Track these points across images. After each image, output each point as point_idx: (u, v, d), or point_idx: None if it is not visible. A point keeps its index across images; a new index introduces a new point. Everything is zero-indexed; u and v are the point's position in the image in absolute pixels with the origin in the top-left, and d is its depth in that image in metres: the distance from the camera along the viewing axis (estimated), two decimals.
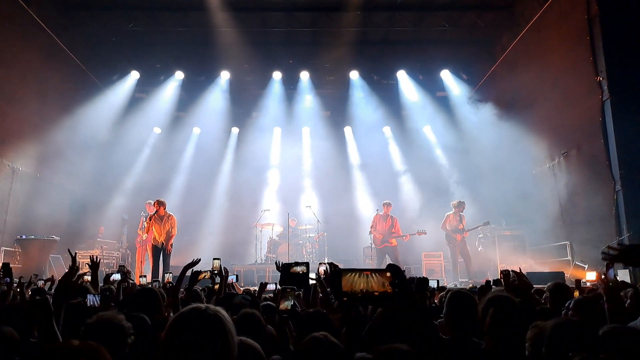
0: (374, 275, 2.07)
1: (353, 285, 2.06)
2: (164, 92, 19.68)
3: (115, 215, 18.52)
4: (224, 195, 21.20)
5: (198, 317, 2.05)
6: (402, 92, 19.88)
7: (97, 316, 2.97)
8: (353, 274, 2.09)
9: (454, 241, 14.54)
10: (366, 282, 2.05)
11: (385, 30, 17.95)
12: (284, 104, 20.79)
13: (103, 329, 2.87)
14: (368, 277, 2.07)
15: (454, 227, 14.61)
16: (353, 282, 2.06)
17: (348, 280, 2.07)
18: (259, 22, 17.33)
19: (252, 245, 19.11)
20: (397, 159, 21.02)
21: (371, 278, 2.07)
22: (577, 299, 4.55)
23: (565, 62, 13.60)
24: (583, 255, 12.79)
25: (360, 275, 2.06)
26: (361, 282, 2.05)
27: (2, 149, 13.69)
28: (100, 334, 2.79)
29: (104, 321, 2.92)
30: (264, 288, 5.78)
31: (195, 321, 2.03)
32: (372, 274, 2.07)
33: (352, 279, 2.08)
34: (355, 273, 2.08)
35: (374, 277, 2.07)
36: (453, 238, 14.56)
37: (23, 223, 14.25)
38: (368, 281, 2.06)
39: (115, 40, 18.00)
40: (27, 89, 14.61)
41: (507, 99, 17.27)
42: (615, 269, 6.05)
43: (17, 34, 14.11)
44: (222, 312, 2.10)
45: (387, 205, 15.18)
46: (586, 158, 12.88)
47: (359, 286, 2.06)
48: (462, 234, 14.51)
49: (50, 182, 15.66)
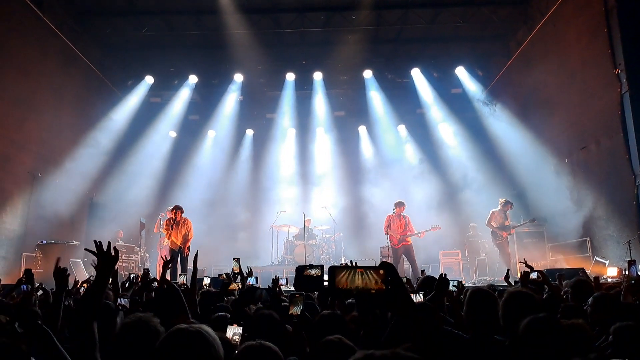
0: (369, 273, 2.02)
1: (349, 282, 2.01)
2: (179, 96, 19.78)
3: (133, 220, 18.60)
4: (239, 198, 21.25)
5: (181, 335, 2.21)
6: (416, 90, 19.75)
7: (135, 316, 2.97)
8: (349, 272, 2.05)
9: (500, 238, 14.25)
10: (361, 280, 2.01)
11: (398, 28, 17.81)
12: (298, 104, 20.83)
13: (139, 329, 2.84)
14: (363, 274, 2.03)
15: (500, 224, 14.35)
16: (349, 280, 2.01)
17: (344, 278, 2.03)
18: (272, 23, 17.29)
19: (268, 246, 19.14)
20: (413, 158, 20.91)
21: (367, 275, 2.03)
22: (595, 295, 4.47)
23: (583, 56, 13.41)
24: (603, 251, 12.62)
25: (355, 273, 2.02)
26: (357, 279, 2.01)
27: (21, 155, 13.85)
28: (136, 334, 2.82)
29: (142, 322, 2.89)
30: (278, 283, 5.77)
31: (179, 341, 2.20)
32: (367, 271, 2.03)
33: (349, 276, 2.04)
34: (351, 270, 2.05)
35: (369, 274, 2.02)
36: (499, 235, 14.26)
37: (43, 228, 14.37)
38: (363, 279, 2.01)
39: (129, 46, 18.12)
40: (44, 96, 14.74)
41: (523, 94, 17.12)
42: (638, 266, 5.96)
43: (33, 41, 14.26)
44: (204, 329, 2.27)
45: (400, 206, 15.06)
46: (605, 152, 12.67)
47: (355, 283, 2.01)
48: (508, 231, 14.23)
49: (69, 187, 15.76)
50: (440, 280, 4.88)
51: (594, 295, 4.44)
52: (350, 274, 2.03)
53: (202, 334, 2.22)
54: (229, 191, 21.21)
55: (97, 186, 17.77)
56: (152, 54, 18.49)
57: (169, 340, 2.22)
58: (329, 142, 21.89)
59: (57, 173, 15.38)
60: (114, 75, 19.10)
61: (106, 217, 17.78)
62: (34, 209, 14.22)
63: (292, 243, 18.55)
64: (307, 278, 3.73)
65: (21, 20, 13.71)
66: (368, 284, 2.02)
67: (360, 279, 2.03)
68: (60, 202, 15.14)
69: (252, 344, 2.68)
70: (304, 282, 3.77)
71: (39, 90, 14.45)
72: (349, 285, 2.03)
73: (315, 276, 3.72)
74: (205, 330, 2.25)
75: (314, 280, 3.73)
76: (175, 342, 2.19)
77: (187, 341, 2.18)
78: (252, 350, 2.63)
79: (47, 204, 14.65)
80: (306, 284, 3.79)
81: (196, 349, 2.17)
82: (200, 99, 20.73)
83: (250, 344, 2.68)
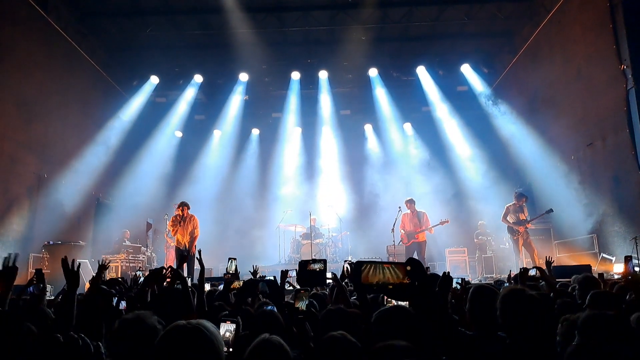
0: (391, 268, 2.03)
1: (369, 277, 2.03)
2: (184, 96, 19.84)
3: (140, 220, 18.64)
4: (246, 197, 21.28)
5: (180, 332, 2.21)
6: (422, 88, 19.71)
7: (134, 313, 2.99)
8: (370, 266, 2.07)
9: (516, 233, 14.08)
10: (382, 274, 2.02)
11: (403, 26, 17.75)
12: (304, 103, 20.82)
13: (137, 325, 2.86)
14: (385, 269, 2.04)
15: (515, 219, 14.21)
16: (369, 274, 2.03)
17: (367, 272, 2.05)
18: (276, 22, 17.26)
19: (275, 245, 19.16)
20: (419, 156, 20.87)
21: (388, 270, 2.04)
22: (593, 292, 4.47)
23: (588, 52, 13.35)
24: (610, 247, 12.58)
25: (377, 268, 2.04)
26: (377, 274, 2.03)
27: (28, 156, 13.89)
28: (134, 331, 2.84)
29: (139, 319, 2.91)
30: (286, 275, 5.77)
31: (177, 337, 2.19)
32: (391, 266, 2.04)
33: (369, 271, 2.06)
34: (372, 265, 2.06)
35: (391, 269, 2.03)
36: (515, 230, 14.10)
37: (50, 229, 14.41)
38: (384, 273, 2.02)
39: (134, 46, 18.15)
40: (50, 97, 14.78)
41: (529, 91, 17.08)
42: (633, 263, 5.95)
43: (38, 43, 14.32)
44: (203, 324, 2.26)
45: (411, 203, 14.94)
46: (611, 149, 12.61)
47: (374, 278, 2.03)
48: (524, 225, 14.07)
49: (75, 188, 15.80)
50: (443, 279, 4.87)
51: (592, 293, 4.44)
52: (371, 269, 2.05)
53: (200, 329, 2.21)
54: (235, 191, 21.24)
55: (103, 187, 17.82)
56: (157, 54, 18.46)
57: (167, 337, 2.21)
58: (334, 140, 21.87)
59: (64, 174, 15.40)
60: (119, 76, 19.16)
61: (113, 217, 17.84)
62: (41, 209, 14.27)
63: (299, 242, 18.55)
64: (310, 273, 3.73)
65: (26, 22, 13.75)
66: (388, 279, 2.03)
67: (382, 274, 2.05)
68: (66, 203, 15.21)
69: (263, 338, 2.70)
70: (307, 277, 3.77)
71: (44, 92, 14.49)
72: (369, 280, 2.04)
73: (319, 270, 3.72)
74: (204, 325, 2.25)
75: (317, 275, 3.73)
76: (173, 339, 2.18)
77: (186, 337, 2.17)
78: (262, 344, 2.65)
79: (53, 205, 14.71)
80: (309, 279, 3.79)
81: (195, 345, 2.16)
82: (206, 99, 20.78)
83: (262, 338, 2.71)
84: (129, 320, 2.89)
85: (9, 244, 12.80)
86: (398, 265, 2.07)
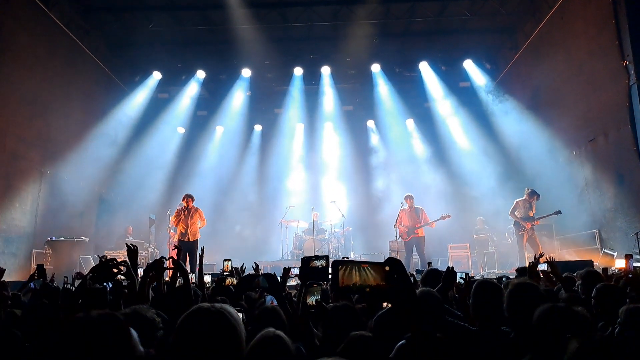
0: (368, 269, 1.98)
1: (346, 278, 1.98)
2: (186, 92, 19.81)
3: (142, 216, 18.68)
4: (248, 193, 21.32)
5: (203, 315, 2.12)
6: (424, 84, 19.69)
7: (131, 308, 2.99)
8: (347, 267, 2.01)
9: (522, 229, 14.09)
10: (359, 276, 1.98)
11: (406, 22, 17.74)
12: (306, 99, 20.79)
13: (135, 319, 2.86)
14: (362, 270, 1.99)
15: (524, 215, 14.22)
16: (346, 275, 1.98)
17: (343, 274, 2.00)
18: (279, 17, 17.25)
19: (277, 241, 19.18)
20: (422, 151, 20.86)
21: (367, 271, 1.99)
22: (598, 286, 4.46)
23: (591, 47, 13.31)
24: (612, 242, 12.58)
25: (354, 268, 1.98)
26: (355, 275, 1.98)
27: (30, 152, 13.91)
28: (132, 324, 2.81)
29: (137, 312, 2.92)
30: (288, 272, 5.78)
31: (201, 320, 2.11)
32: (368, 267, 1.99)
33: (346, 271, 2.00)
34: (349, 266, 2.00)
35: (370, 270, 1.98)
36: (522, 226, 14.10)
37: (53, 225, 14.46)
38: (361, 274, 1.98)
39: (136, 41, 18.10)
40: (52, 93, 14.78)
41: (531, 87, 17.05)
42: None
43: (40, 39, 14.32)
44: (226, 309, 2.17)
45: (410, 199, 15.00)
46: (613, 144, 12.58)
47: (352, 280, 1.98)
48: (532, 221, 14.10)
49: (78, 183, 15.84)
50: (447, 273, 4.88)
51: (597, 287, 4.43)
52: (347, 270, 1.99)
53: (224, 314, 2.14)
54: (238, 186, 21.24)
55: (106, 182, 17.84)
56: (159, 50, 18.41)
57: (191, 318, 2.14)
58: (337, 136, 21.87)
59: (66, 169, 15.43)
60: (121, 72, 19.14)
61: (115, 213, 17.88)
62: (43, 205, 14.29)
63: (302, 238, 18.58)
64: (312, 270, 3.73)
65: (28, 18, 13.75)
66: (366, 281, 1.98)
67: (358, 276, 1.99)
68: (69, 199, 15.22)
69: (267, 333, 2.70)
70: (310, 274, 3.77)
71: (46, 88, 14.50)
72: (346, 283, 1.99)
73: (321, 267, 3.72)
74: (227, 310, 2.17)
75: (320, 272, 3.73)
76: (197, 321, 2.12)
77: (210, 320, 2.10)
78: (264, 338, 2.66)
79: (56, 201, 14.74)
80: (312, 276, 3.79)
81: (218, 328, 2.09)
82: (209, 95, 20.75)
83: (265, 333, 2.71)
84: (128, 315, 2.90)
85: (12, 239, 12.83)
86: (376, 265, 2.02)
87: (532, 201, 14.14)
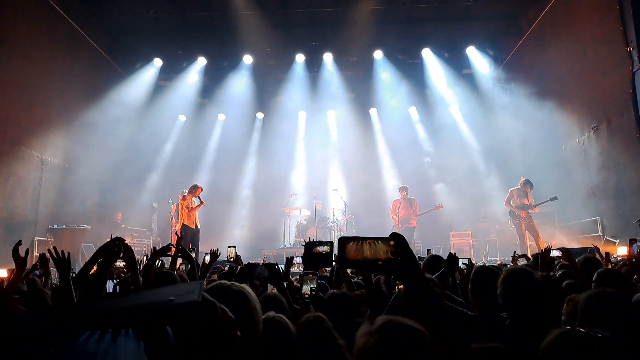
0: (378, 243, 1.98)
1: (357, 253, 1.98)
2: (187, 79, 19.69)
3: (144, 204, 18.69)
4: (251, 181, 21.30)
5: (224, 293, 2.08)
6: (427, 71, 19.58)
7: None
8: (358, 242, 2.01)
9: (518, 217, 14.17)
10: (369, 250, 1.98)
11: (409, 8, 17.57)
12: (308, 87, 20.66)
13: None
14: (372, 244, 1.99)
15: (518, 204, 14.27)
16: (357, 250, 1.98)
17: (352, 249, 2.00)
18: (280, 3, 17.09)
19: (280, 229, 19.19)
20: (424, 139, 20.78)
21: (374, 245, 1.99)
22: (599, 271, 4.45)
23: (594, 34, 13.20)
24: (614, 230, 12.55)
25: (364, 243, 1.98)
26: (366, 249, 1.98)
27: (30, 140, 13.86)
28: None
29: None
30: (292, 262, 5.79)
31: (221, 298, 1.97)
32: (376, 241, 1.99)
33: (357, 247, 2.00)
34: (360, 241, 2.00)
35: (378, 244, 1.98)
36: (517, 215, 14.21)
37: (54, 213, 14.48)
38: (371, 249, 1.98)
39: (136, 28, 17.98)
40: (52, 80, 14.73)
41: (535, 74, 16.93)
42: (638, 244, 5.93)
43: (40, 26, 14.23)
44: (247, 289, 2.15)
45: (404, 190, 15.11)
46: (617, 131, 12.52)
47: (363, 254, 1.98)
48: (527, 210, 14.12)
49: (79, 172, 15.83)
50: (449, 259, 4.86)
51: (598, 271, 4.42)
52: (359, 245, 2.01)
53: (245, 294, 2.11)
54: (240, 175, 21.23)
55: (107, 170, 17.79)
56: (160, 37, 18.31)
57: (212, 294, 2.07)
58: (339, 124, 21.80)
59: (67, 157, 15.44)
60: (121, 59, 19.02)
61: (117, 201, 17.87)
62: (44, 193, 14.30)
63: (304, 226, 18.61)
64: (316, 255, 3.71)
65: (28, 5, 13.66)
66: (376, 254, 1.99)
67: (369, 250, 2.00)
68: (70, 187, 15.20)
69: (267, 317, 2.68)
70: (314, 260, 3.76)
71: (46, 75, 14.44)
72: (357, 256, 2.00)
73: (325, 253, 3.71)
74: (247, 290, 2.15)
75: (324, 257, 3.72)
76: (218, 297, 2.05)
77: (231, 298, 2.04)
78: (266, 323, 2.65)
79: (57, 189, 14.75)
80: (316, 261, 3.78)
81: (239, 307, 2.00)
82: (210, 82, 20.64)
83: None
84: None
85: (13, 227, 12.82)
86: (385, 239, 2.02)
87: (527, 190, 14.19)
